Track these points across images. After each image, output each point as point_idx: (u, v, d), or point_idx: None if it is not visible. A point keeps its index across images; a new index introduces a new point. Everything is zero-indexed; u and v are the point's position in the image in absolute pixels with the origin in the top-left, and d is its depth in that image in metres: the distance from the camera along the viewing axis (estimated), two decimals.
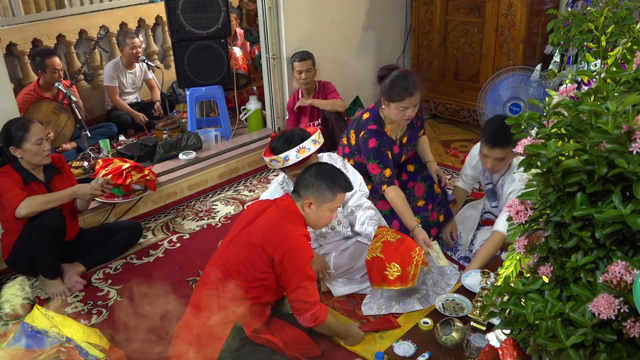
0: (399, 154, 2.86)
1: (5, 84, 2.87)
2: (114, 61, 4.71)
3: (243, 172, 3.98)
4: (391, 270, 2.31)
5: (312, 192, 2.07)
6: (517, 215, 1.18)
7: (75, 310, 2.59)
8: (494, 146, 2.47)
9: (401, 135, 2.85)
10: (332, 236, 2.57)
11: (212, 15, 3.84)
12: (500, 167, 2.57)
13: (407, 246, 2.36)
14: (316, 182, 2.07)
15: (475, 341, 1.98)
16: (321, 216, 2.11)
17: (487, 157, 2.52)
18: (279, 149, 2.35)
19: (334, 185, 2.09)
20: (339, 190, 2.10)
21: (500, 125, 2.43)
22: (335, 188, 2.09)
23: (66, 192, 2.63)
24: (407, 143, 2.89)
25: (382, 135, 2.75)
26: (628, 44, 1.33)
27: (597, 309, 0.95)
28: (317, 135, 2.37)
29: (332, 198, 2.09)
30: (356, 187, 2.59)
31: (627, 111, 0.99)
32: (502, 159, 2.51)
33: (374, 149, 2.71)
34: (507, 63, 4.05)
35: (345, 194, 2.18)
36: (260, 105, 4.37)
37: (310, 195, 2.07)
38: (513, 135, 2.30)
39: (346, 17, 4.38)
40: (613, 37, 2.69)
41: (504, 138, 2.41)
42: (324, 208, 2.09)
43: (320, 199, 2.07)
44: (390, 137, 2.79)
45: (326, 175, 2.10)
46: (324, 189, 2.07)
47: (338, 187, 2.10)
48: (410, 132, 2.90)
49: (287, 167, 2.39)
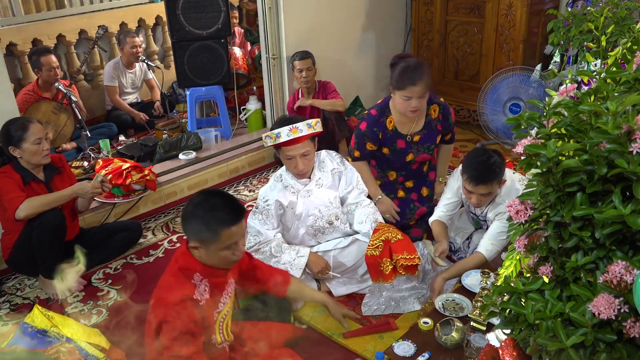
0: (405, 150, 2.81)
1: (5, 84, 2.87)
2: (114, 61, 4.72)
3: (243, 172, 3.98)
4: (384, 265, 2.32)
5: (192, 234, 1.71)
6: (517, 215, 1.18)
7: (75, 310, 2.59)
8: (478, 183, 2.30)
9: (413, 132, 2.80)
10: (331, 232, 2.57)
11: (212, 15, 3.84)
12: (486, 201, 2.42)
13: (400, 247, 2.36)
14: (193, 221, 1.70)
15: (475, 341, 1.98)
16: (216, 258, 1.74)
17: (471, 193, 2.36)
18: (274, 128, 2.37)
19: (213, 222, 1.68)
20: (221, 228, 1.68)
21: (484, 160, 2.28)
22: (214, 226, 1.68)
23: (66, 192, 2.63)
24: (419, 142, 2.81)
25: (375, 124, 2.77)
26: (628, 44, 1.33)
27: (597, 309, 0.95)
28: (314, 122, 2.36)
29: (215, 239, 1.68)
30: (353, 184, 2.60)
31: (627, 111, 0.99)
32: (488, 194, 2.36)
33: (360, 131, 2.82)
34: (507, 63, 4.05)
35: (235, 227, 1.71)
36: (260, 105, 4.37)
37: (191, 237, 1.73)
38: (497, 169, 2.32)
39: (346, 17, 4.38)
40: (613, 37, 2.69)
41: (488, 173, 2.29)
42: (212, 249, 1.71)
43: (203, 243, 1.70)
44: (390, 130, 2.78)
45: (205, 209, 1.70)
46: (202, 229, 1.68)
47: (219, 224, 1.68)
48: (426, 132, 2.82)
49: (280, 148, 2.39)
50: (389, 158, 2.88)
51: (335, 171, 2.57)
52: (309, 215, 2.49)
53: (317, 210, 2.50)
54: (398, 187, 2.99)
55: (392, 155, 2.86)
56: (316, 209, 2.49)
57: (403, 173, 2.95)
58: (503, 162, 2.34)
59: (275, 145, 2.37)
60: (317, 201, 2.50)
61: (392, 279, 2.35)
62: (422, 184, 2.99)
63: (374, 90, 4.89)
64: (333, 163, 2.58)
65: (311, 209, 2.49)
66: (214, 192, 1.87)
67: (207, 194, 1.78)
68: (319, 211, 2.50)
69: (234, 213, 1.72)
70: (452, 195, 2.64)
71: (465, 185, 2.37)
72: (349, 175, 2.60)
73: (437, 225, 2.64)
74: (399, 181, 2.99)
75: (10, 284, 2.81)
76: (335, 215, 2.55)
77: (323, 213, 2.51)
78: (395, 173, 2.96)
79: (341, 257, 2.52)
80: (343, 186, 2.59)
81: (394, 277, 2.35)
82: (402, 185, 2.99)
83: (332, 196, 2.54)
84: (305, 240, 2.56)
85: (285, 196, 2.46)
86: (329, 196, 2.53)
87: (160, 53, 5.55)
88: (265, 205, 2.44)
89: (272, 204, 2.44)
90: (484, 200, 2.40)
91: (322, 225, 2.53)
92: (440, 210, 2.66)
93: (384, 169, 2.98)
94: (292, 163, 2.40)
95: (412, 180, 2.98)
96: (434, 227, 2.64)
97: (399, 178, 2.98)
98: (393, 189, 2.98)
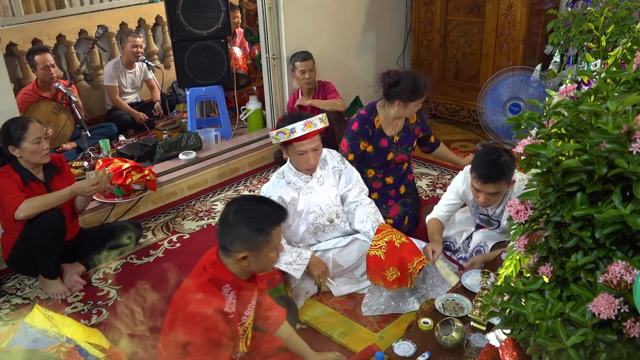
0: (387, 149, 2.88)
1: (5, 84, 2.87)
2: (114, 61, 4.71)
3: (243, 172, 3.98)
4: (389, 273, 2.33)
5: (240, 243, 1.65)
6: (517, 215, 1.18)
7: (75, 310, 2.59)
8: (486, 182, 2.28)
9: (394, 133, 2.90)
10: (331, 230, 2.58)
11: (212, 15, 3.84)
12: (494, 201, 2.38)
13: (409, 252, 2.37)
14: (240, 229, 1.65)
15: (475, 341, 1.98)
16: (265, 262, 1.72)
17: (479, 191, 2.34)
18: (283, 125, 2.35)
19: (264, 223, 1.66)
20: (272, 227, 1.67)
21: (494, 158, 2.26)
22: (266, 227, 1.66)
23: (65, 192, 2.62)
24: (398, 143, 2.90)
25: (366, 121, 2.87)
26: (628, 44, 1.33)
27: (597, 309, 0.95)
28: (324, 116, 2.40)
29: (268, 240, 1.66)
30: (353, 182, 2.61)
31: (627, 111, 0.98)
32: (496, 193, 2.33)
33: (352, 132, 2.87)
34: (507, 63, 4.05)
35: (283, 224, 1.72)
36: (260, 105, 4.37)
37: (239, 247, 1.65)
38: (507, 168, 2.30)
39: (346, 17, 4.38)
40: (613, 37, 2.69)
41: (497, 172, 2.26)
42: (264, 252, 1.68)
43: (254, 249, 1.66)
44: (377, 128, 2.87)
45: (249, 215, 1.66)
46: (254, 234, 1.64)
47: (270, 224, 1.66)
48: (405, 135, 2.92)
49: (290, 144, 2.39)
50: (371, 155, 2.93)
51: (336, 169, 2.59)
52: (310, 212, 2.50)
53: (319, 207, 2.50)
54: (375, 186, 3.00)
55: (375, 153, 2.91)
56: (317, 206, 2.50)
57: (382, 171, 3.00)
58: (513, 162, 2.30)
59: (286, 142, 2.37)
60: (318, 198, 2.50)
61: (393, 288, 2.35)
62: (401, 182, 3.03)
63: (374, 90, 4.88)
64: (334, 161, 2.60)
65: (312, 206, 2.50)
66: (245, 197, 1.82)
67: (241, 201, 1.73)
68: (320, 208, 2.51)
69: (278, 209, 1.72)
70: (455, 197, 2.61)
71: (474, 184, 2.35)
72: (349, 174, 2.62)
73: (434, 223, 2.62)
74: (377, 177, 3.01)
75: (10, 284, 2.81)
76: (336, 213, 2.55)
77: (324, 210, 2.52)
78: (373, 171, 3.00)
79: (341, 256, 2.53)
80: (343, 184, 2.60)
81: (397, 287, 2.35)
82: (383, 181, 3.01)
83: (333, 194, 2.55)
84: (306, 237, 2.56)
85: (288, 192, 2.47)
86: (330, 194, 2.54)
87: (160, 53, 5.55)
88: None
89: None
90: (492, 199, 2.37)
91: (323, 222, 2.53)
92: (440, 210, 2.64)
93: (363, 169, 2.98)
94: (303, 158, 2.40)
95: (392, 177, 3.01)
96: (431, 224, 2.62)
97: (378, 175, 3.00)
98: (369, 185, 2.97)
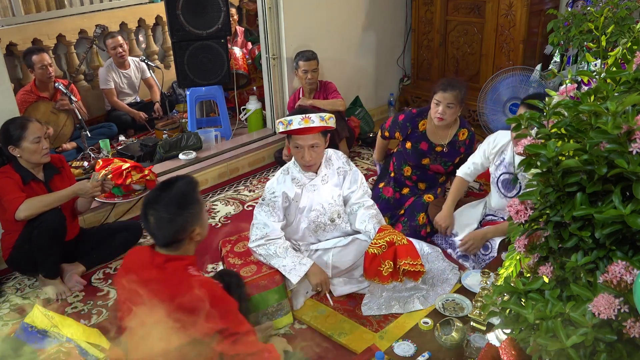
0: (424, 152, 3.04)
1: (5, 84, 2.87)
2: (107, 63, 4.71)
3: (243, 172, 3.98)
4: (385, 267, 2.35)
5: (189, 223, 1.77)
6: (517, 215, 1.18)
7: (75, 310, 2.59)
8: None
9: (438, 143, 3.03)
10: (332, 229, 2.58)
11: (212, 15, 3.84)
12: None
13: (405, 251, 2.37)
14: (183, 213, 1.75)
15: (475, 341, 1.98)
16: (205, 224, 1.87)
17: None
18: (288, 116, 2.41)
19: (192, 197, 1.78)
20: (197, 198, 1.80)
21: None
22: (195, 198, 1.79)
23: (66, 192, 2.62)
24: (439, 153, 3.04)
25: (411, 120, 3.07)
26: (628, 44, 1.33)
27: (597, 309, 0.95)
28: (327, 116, 2.38)
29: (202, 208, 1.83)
30: (357, 184, 2.62)
31: (627, 111, 0.98)
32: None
33: (397, 120, 3.13)
34: (507, 63, 4.05)
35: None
36: (260, 105, 4.37)
37: (189, 226, 1.78)
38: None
39: (346, 17, 4.38)
40: (613, 37, 2.69)
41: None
42: (204, 219, 1.85)
43: (200, 219, 1.80)
44: (420, 131, 3.04)
45: (179, 198, 1.76)
46: (195, 209, 1.78)
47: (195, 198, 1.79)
48: (449, 150, 3.04)
49: (291, 136, 2.41)
50: (409, 153, 3.09)
51: (341, 170, 2.59)
52: (312, 210, 2.51)
53: (321, 206, 2.51)
54: (408, 183, 3.17)
55: (412, 152, 3.07)
56: (319, 205, 2.51)
57: (418, 172, 3.14)
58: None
59: (285, 132, 2.39)
60: (321, 197, 2.51)
61: (389, 282, 2.37)
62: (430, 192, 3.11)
63: (374, 90, 4.89)
64: (339, 162, 2.61)
65: (315, 203, 2.50)
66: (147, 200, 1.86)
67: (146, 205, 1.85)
68: (322, 207, 2.51)
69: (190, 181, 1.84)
70: (482, 159, 2.79)
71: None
72: (354, 176, 2.62)
73: (458, 184, 2.84)
74: (412, 179, 3.16)
75: (10, 284, 2.81)
76: (337, 212, 2.56)
77: (326, 209, 2.52)
78: (410, 169, 3.14)
79: (341, 255, 2.52)
80: (347, 185, 2.61)
81: (391, 281, 2.37)
82: (415, 185, 3.15)
83: (336, 194, 2.56)
84: (306, 235, 2.56)
85: (292, 188, 2.47)
86: (333, 193, 2.54)
87: (160, 53, 5.54)
88: (272, 197, 2.46)
89: (279, 196, 2.46)
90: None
91: (324, 221, 2.53)
92: (467, 167, 2.83)
93: (401, 164, 3.19)
94: (299, 153, 2.41)
95: (425, 184, 3.16)
96: (455, 184, 2.85)
97: (413, 176, 3.15)
98: (401, 183, 3.18)
